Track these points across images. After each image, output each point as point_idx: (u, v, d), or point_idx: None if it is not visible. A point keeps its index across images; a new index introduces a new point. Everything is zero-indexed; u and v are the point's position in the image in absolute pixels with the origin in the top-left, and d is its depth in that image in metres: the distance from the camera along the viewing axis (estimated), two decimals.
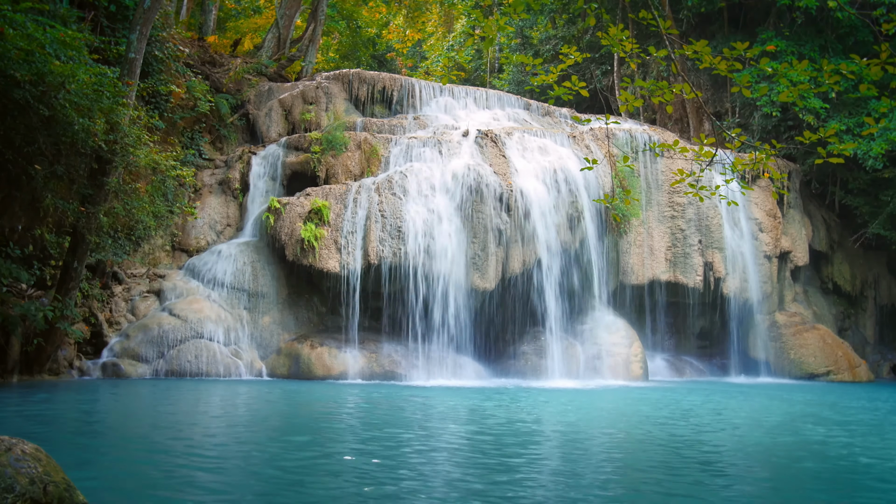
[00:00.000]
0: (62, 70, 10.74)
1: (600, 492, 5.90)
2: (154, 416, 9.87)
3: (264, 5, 33.71)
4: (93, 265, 15.33)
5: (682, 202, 19.80)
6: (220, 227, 18.20)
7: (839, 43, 22.02)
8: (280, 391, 13.09)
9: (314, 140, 18.30)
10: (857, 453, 8.01)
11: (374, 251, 16.13)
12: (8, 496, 3.54)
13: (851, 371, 19.70)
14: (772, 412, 11.86)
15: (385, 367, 15.89)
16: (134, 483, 5.87)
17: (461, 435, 8.63)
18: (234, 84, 20.70)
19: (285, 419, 9.98)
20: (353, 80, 21.35)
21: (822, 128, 6.69)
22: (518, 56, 11.92)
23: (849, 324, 23.76)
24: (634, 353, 17.58)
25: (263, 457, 7.12)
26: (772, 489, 6.40)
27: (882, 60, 5.71)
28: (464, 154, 17.82)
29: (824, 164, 8.02)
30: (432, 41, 40.12)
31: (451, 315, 16.42)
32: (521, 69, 29.94)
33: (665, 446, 8.21)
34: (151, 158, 13.03)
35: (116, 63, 14.09)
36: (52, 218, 12.69)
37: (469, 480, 6.13)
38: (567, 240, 17.82)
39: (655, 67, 24.24)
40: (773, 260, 20.76)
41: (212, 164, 19.17)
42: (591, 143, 19.40)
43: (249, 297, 16.39)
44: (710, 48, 6.51)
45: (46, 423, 8.71)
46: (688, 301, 20.45)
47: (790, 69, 6.63)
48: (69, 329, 13.29)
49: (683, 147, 7.77)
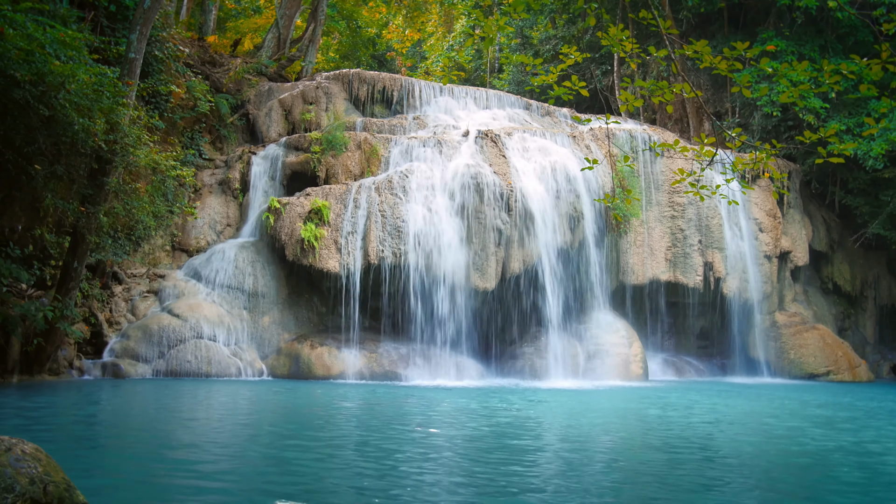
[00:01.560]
0: (62, 70, 10.74)
1: (600, 492, 5.90)
2: (154, 416, 9.87)
3: (264, 5, 33.72)
4: (93, 265, 15.33)
5: (683, 202, 19.80)
6: (220, 227, 18.20)
7: (839, 43, 22.02)
8: (280, 391, 13.09)
9: (314, 140, 18.30)
10: (858, 453, 8.02)
11: (374, 251, 16.13)
12: (8, 496, 3.54)
13: (851, 371, 19.70)
14: (772, 412, 11.85)
15: (385, 367, 15.89)
16: (134, 483, 5.87)
17: (461, 435, 8.63)
18: (234, 84, 20.70)
19: (285, 419, 9.98)
20: (353, 80, 21.35)
21: (822, 128, 6.69)
22: (518, 56, 11.93)
23: (849, 324, 23.75)
24: (634, 353, 17.57)
25: (263, 457, 7.12)
26: (771, 489, 6.39)
27: (882, 60, 5.72)
28: (464, 154, 17.81)
29: (824, 164, 8.02)
30: (432, 41, 40.12)
31: (451, 315, 16.42)
32: (521, 69, 29.93)
33: (665, 446, 8.20)
34: (151, 158, 13.02)
35: (116, 63, 14.09)
36: (52, 218, 12.70)
37: (469, 481, 6.13)
38: (567, 240, 17.81)
39: (655, 67, 24.24)
40: (773, 260, 20.76)
41: (212, 164, 19.17)
42: (591, 143, 19.40)
43: (249, 297, 16.39)
44: (710, 48, 6.51)
45: (46, 423, 8.71)
46: (688, 301, 20.45)
47: (790, 69, 6.63)
48: (69, 329, 13.29)
49: (683, 147, 7.77)
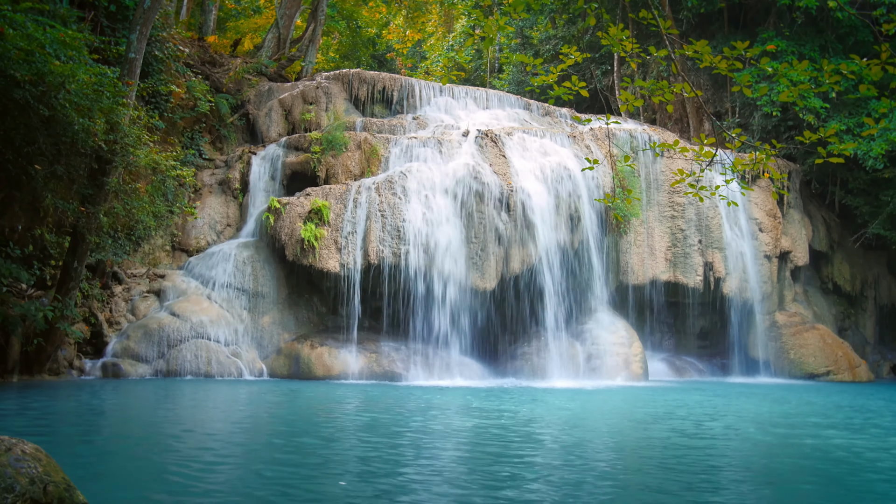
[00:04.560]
0: (62, 70, 10.74)
1: (600, 492, 5.90)
2: (154, 416, 9.87)
3: (264, 5, 33.72)
4: (93, 265, 15.33)
5: (683, 202, 19.80)
6: (220, 227, 18.20)
7: (839, 43, 22.02)
8: (280, 391, 13.09)
9: (314, 140, 18.30)
10: (857, 454, 8.01)
11: (374, 251, 16.13)
12: (8, 496, 3.54)
13: (851, 371, 19.70)
14: (771, 412, 11.85)
15: (385, 367, 15.88)
16: (134, 483, 5.87)
17: (462, 435, 8.63)
18: (234, 84, 20.70)
19: (285, 419, 9.98)
20: (353, 80, 21.35)
21: (822, 128, 6.69)
22: (518, 56, 11.91)
23: (849, 324, 23.75)
24: (634, 352, 17.57)
25: (264, 457, 7.12)
26: (772, 489, 6.39)
27: (882, 61, 5.71)
28: (464, 154, 17.81)
29: (824, 164, 8.03)
30: (432, 41, 40.13)
31: (451, 315, 16.42)
32: (521, 69, 29.93)
33: (665, 446, 8.20)
34: (151, 158, 13.03)
35: (116, 63, 14.09)
36: (52, 218, 12.70)
37: (469, 481, 6.13)
38: (567, 240, 17.81)
39: (655, 67, 24.24)
40: (773, 260, 20.76)
41: (212, 164, 19.17)
42: (591, 143, 19.40)
43: (249, 297, 16.39)
44: (710, 48, 6.51)
45: (46, 423, 8.71)
46: (688, 301, 20.45)
47: (790, 69, 6.62)
48: (69, 329, 13.29)
49: (683, 147, 7.77)
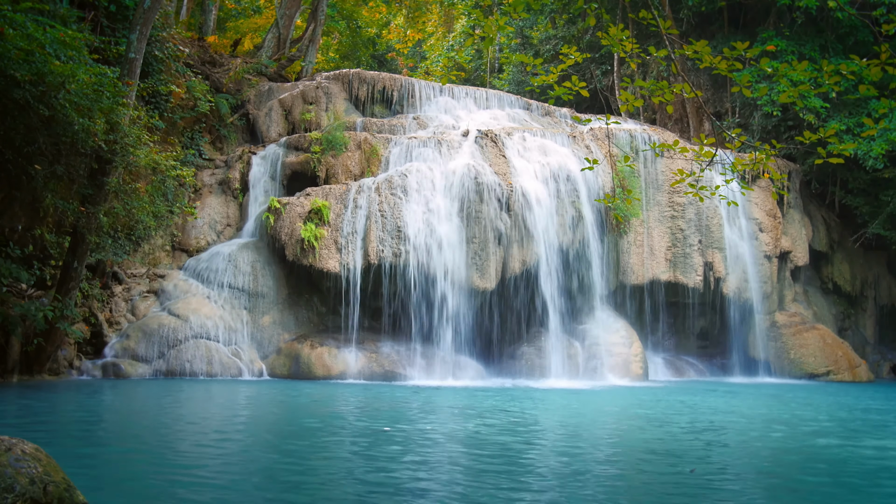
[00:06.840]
0: (62, 70, 10.74)
1: (599, 492, 5.89)
2: (154, 417, 9.87)
3: (264, 5, 33.71)
4: (93, 265, 15.33)
5: (683, 202, 19.80)
6: (220, 227, 18.20)
7: (839, 43, 22.02)
8: (280, 391, 13.09)
9: (314, 140, 18.30)
10: (857, 454, 8.01)
11: (374, 251, 16.13)
12: (8, 496, 3.54)
13: (851, 371, 19.69)
14: (771, 412, 11.85)
15: (385, 367, 15.89)
16: (134, 483, 5.87)
17: (462, 435, 8.63)
18: (234, 84, 20.69)
19: (286, 419, 9.98)
20: (353, 80, 21.35)
21: (822, 128, 6.69)
22: (518, 56, 11.92)
23: (849, 324, 23.75)
24: (634, 353, 17.57)
25: (264, 457, 7.12)
26: (772, 489, 6.40)
27: (882, 61, 5.71)
28: (464, 154, 17.82)
29: (824, 164, 8.02)
30: (432, 41, 40.13)
31: (451, 315, 16.42)
32: (522, 69, 29.93)
33: (664, 447, 8.20)
34: (151, 158, 13.03)
35: (116, 63, 14.09)
36: (52, 218, 12.70)
37: (469, 481, 6.13)
38: (567, 240, 17.81)
39: (655, 67, 24.24)
40: (773, 260, 20.76)
41: (212, 164, 19.16)
42: (591, 143, 19.40)
43: (249, 297, 16.39)
44: (710, 48, 6.51)
45: (46, 423, 8.71)
46: (688, 301, 20.44)
47: (790, 69, 6.63)
48: (69, 329, 13.29)
49: (683, 147, 7.77)
